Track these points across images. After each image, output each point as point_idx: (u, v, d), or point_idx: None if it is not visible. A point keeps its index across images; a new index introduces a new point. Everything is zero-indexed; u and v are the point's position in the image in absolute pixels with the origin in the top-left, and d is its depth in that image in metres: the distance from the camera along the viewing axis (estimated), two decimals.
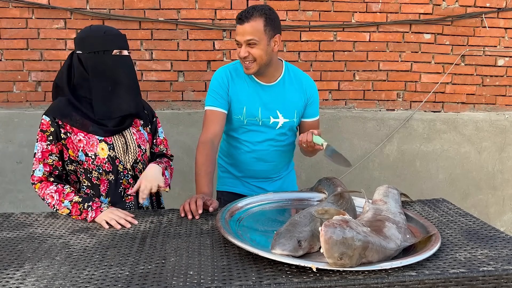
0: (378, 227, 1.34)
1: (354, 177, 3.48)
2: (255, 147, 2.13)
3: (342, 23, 3.35)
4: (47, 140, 1.78)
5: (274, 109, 2.09)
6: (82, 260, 1.34)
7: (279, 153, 2.18)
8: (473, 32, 3.44)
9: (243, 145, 2.14)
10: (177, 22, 3.25)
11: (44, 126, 1.78)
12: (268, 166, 2.17)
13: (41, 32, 3.21)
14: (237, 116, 2.08)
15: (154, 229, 1.60)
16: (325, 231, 1.14)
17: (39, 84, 3.28)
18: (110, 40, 1.80)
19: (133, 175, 1.90)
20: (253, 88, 2.07)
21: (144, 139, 1.94)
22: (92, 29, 1.83)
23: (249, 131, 2.11)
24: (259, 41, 1.91)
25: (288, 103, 2.10)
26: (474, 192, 3.60)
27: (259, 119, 2.08)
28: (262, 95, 2.08)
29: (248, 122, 2.09)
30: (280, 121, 2.10)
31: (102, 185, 1.84)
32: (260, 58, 1.95)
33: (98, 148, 1.80)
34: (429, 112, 3.53)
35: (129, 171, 1.88)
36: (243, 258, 1.32)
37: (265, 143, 2.12)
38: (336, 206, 1.56)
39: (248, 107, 2.06)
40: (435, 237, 1.38)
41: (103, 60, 1.79)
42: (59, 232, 1.59)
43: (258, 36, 1.91)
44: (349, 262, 1.17)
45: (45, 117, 1.79)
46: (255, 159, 2.15)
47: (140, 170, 1.92)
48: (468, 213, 1.75)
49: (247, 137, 2.12)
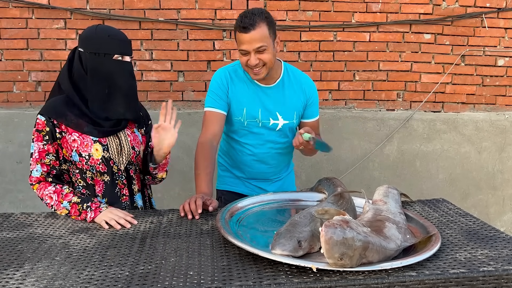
0: (378, 227, 1.34)
1: (354, 177, 3.48)
2: (255, 150, 2.13)
3: (342, 23, 3.35)
4: (43, 139, 1.77)
5: (274, 111, 2.09)
6: (82, 260, 1.34)
7: (279, 155, 2.18)
8: (473, 32, 3.44)
9: (244, 147, 2.14)
10: (177, 22, 3.25)
11: (40, 126, 1.77)
12: (268, 168, 2.18)
13: (41, 32, 3.21)
14: (237, 117, 2.08)
15: (154, 229, 1.60)
16: (325, 232, 1.14)
17: (39, 84, 3.28)
18: (113, 44, 1.77)
19: (127, 176, 1.89)
20: (253, 89, 2.07)
21: (138, 141, 1.94)
22: (98, 29, 1.80)
23: (249, 133, 2.11)
24: (267, 46, 1.90)
25: (288, 105, 2.10)
26: (474, 192, 3.60)
27: (259, 121, 2.08)
28: (262, 97, 2.07)
29: (248, 124, 2.09)
30: (280, 123, 2.10)
31: (98, 186, 1.84)
32: (270, 62, 1.95)
33: (92, 149, 1.80)
34: (429, 112, 3.53)
35: (123, 172, 1.88)
36: (243, 258, 1.32)
37: (265, 146, 2.12)
38: (336, 206, 1.56)
39: (248, 108, 2.06)
40: (435, 237, 1.38)
41: (102, 63, 1.77)
42: (59, 232, 1.59)
43: (266, 42, 1.90)
44: (350, 263, 1.17)
45: (40, 117, 1.77)
46: (255, 161, 2.15)
47: (134, 172, 1.92)
48: (468, 213, 1.75)
49: (247, 139, 2.12)
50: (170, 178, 3.42)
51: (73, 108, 1.79)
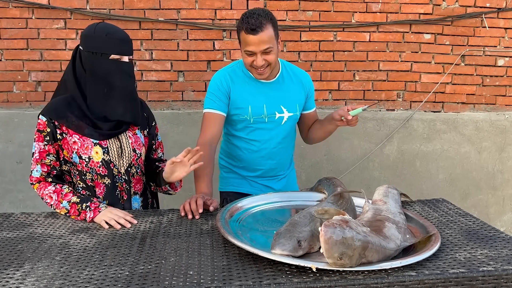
0: (378, 227, 1.34)
1: (354, 177, 3.48)
2: (262, 145, 2.15)
3: (342, 23, 3.35)
4: (44, 140, 1.77)
5: (278, 104, 2.12)
6: (82, 260, 1.34)
7: (283, 149, 2.21)
8: (473, 32, 3.44)
9: (251, 144, 2.15)
10: (177, 22, 3.25)
11: (41, 126, 1.77)
12: (274, 163, 2.20)
13: (41, 32, 3.21)
14: (243, 116, 2.09)
15: (154, 229, 1.60)
16: (325, 231, 1.15)
17: (39, 84, 3.28)
18: (110, 43, 1.74)
19: (127, 179, 1.88)
20: (255, 86, 2.09)
21: (140, 143, 1.92)
22: (97, 28, 1.77)
23: (256, 129, 2.13)
24: (273, 47, 1.94)
25: (290, 98, 2.14)
26: (474, 192, 3.61)
27: (265, 116, 2.10)
28: (264, 91, 2.10)
29: (255, 121, 2.11)
30: (285, 115, 2.13)
31: (98, 188, 1.83)
32: (275, 62, 2.00)
33: (92, 152, 1.79)
34: (429, 112, 3.53)
35: (123, 175, 1.87)
36: (243, 258, 1.32)
37: (272, 140, 2.15)
38: (336, 206, 1.56)
39: (253, 105, 2.08)
40: (435, 237, 1.38)
41: (99, 63, 1.75)
42: (59, 232, 1.59)
43: (272, 43, 1.94)
44: (349, 262, 1.17)
45: (42, 117, 1.77)
46: (262, 157, 2.17)
47: (133, 174, 1.91)
48: (468, 213, 1.75)
49: (254, 136, 2.13)
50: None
51: (75, 109, 1.78)
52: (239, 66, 2.12)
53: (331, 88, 3.45)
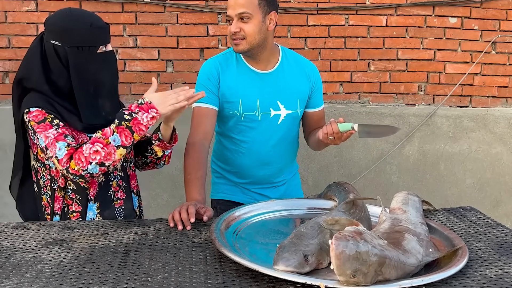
0: (397, 239, 1.34)
1: (368, 182, 3.49)
2: (253, 148, 2.13)
3: (355, 5, 3.36)
4: (53, 126, 1.72)
5: (274, 100, 2.10)
6: (56, 278, 1.34)
7: (282, 153, 2.18)
8: (505, 15, 3.44)
9: (241, 147, 2.14)
10: (165, 4, 3.26)
11: (40, 116, 1.73)
12: (271, 169, 2.18)
13: (9, 16, 3.21)
14: (232, 111, 2.09)
15: (139, 242, 1.60)
16: (336, 245, 1.15)
17: (7, 75, 3.28)
18: (96, 33, 1.77)
19: (123, 176, 1.91)
20: (248, 77, 2.08)
21: None
22: (75, 18, 1.77)
23: (247, 128, 2.11)
24: (252, 14, 1.95)
25: (290, 92, 2.11)
26: (507, 199, 3.61)
27: (257, 113, 2.09)
28: (259, 84, 2.08)
29: (245, 118, 2.09)
30: (282, 113, 2.11)
31: (92, 189, 1.84)
32: (252, 36, 1.98)
33: None
34: (455, 107, 3.54)
35: (119, 171, 1.89)
36: (241, 275, 1.33)
37: (265, 143, 2.13)
38: (348, 215, 1.56)
39: (245, 99, 2.07)
40: (461, 251, 1.38)
41: (88, 58, 1.76)
42: (29, 245, 1.59)
43: (252, 10, 1.94)
44: (363, 280, 1.17)
45: (33, 109, 1.73)
46: (256, 162, 2.15)
47: (130, 168, 1.94)
48: (500, 223, 1.75)
49: (245, 136, 2.12)
50: (157, 183, 3.43)
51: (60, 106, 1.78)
52: (232, 53, 2.12)
53: (342, 80, 3.46)
